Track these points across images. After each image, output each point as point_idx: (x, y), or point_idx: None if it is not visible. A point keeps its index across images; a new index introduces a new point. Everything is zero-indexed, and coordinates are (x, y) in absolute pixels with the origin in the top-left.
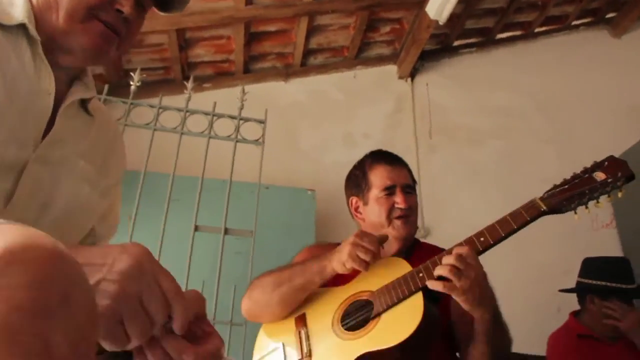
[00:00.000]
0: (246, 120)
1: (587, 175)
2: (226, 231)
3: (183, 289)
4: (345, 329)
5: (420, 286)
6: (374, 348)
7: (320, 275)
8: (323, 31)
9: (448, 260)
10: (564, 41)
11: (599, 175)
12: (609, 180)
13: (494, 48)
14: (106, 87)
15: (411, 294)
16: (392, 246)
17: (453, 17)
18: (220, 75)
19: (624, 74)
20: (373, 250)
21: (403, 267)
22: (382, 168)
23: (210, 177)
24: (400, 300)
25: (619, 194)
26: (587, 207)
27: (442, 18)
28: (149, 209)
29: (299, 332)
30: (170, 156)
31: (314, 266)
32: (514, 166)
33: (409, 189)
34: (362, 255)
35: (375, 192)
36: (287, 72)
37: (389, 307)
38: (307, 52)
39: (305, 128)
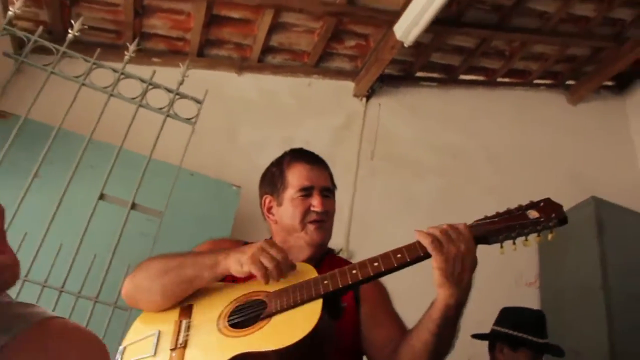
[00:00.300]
0: (183, 96)
1: (520, 212)
2: (133, 206)
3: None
4: (231, 326)
5: (323, 293)
6: (252, 349)
7: (211, 271)
8: (287, 30)
9: (441, 226)
10: (523, 96)
11: (533, 214)
12: (542, 219)
13: (455, 87)
14: (40, 28)
15: (310, 300)
16: (302, 252)
17: (420, 47)
18: (172, 54)
19: (574, 141)
20: (279, 260)
21: (309, 274)
22: (301, 167)
23: (134, 151)
24: (297, 305)
25: (549, 236)
26: (514, 243)
27: (408, 40)
28: (63, 171)
29: (180, 322)
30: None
31: (206, 259)
32: (450, 206)
33: (328, 192)
34: (265, 262)
35: (291, 192)
36: (242, 65)
37: (282, 310)
38: (267, 49)
39: (247, 124)
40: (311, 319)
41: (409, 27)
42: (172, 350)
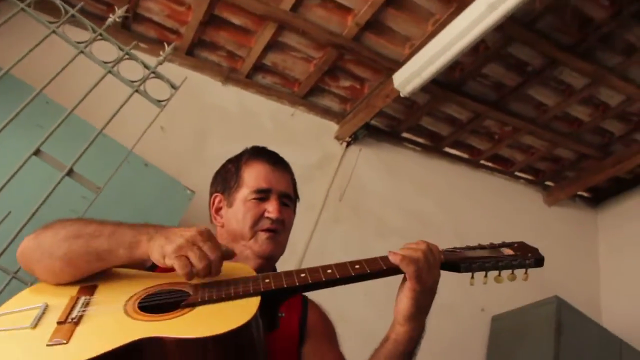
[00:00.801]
0: (158, 76)
1: (494, 248)
2: (70, 172)
3: None
4: (141, 309)
5: (262, 290)
6: (162, 334)
7: (128, 250)
8: (284, 52)
9: (419, 245)
10: (502, 184)
11: (507, 251)
12: (518, 255)
13: (437, 157)
14: None
15: (246, 295)
16: (248, 263)
17: (413, 107)
18: (161, 44)
19: (543, 239)
20: (211, 260)
21: (246, 273)
22: (261, 166)
23: (91, 123)
24: (229, 298)
25: (524, 276)
26: (486, 276)
27: (405, 90)
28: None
29: (77, 298)
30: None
31: (128, 235)
32: None
33: (288, 200)
34: (194, 259)
35: (244, 192)
36: (229, 76)
37: (210, 301)
38: (258, 66)
39: (219, 135)
40: (243, 314)
41: (409, 78)
42: (59, 323)
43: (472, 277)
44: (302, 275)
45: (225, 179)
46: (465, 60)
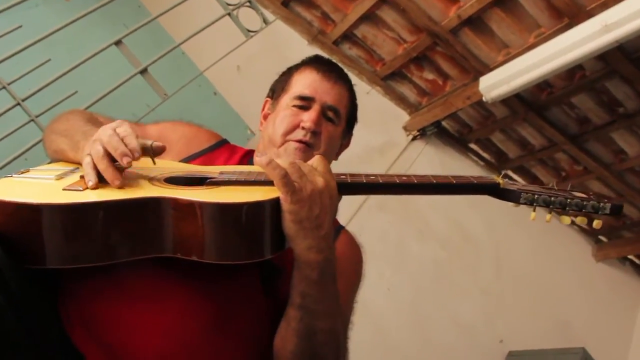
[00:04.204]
0: (254, 7)
1: (563, 189)
2: (144, 71)
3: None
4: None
5: None
6: (183, 196)
7: (74, 153)
8: (377, 27)
9: (284, 162)
10: (554, 224)
11: (579, 194)
12: (591, 198)
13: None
14: None
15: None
16: None
17: (489, 119)
18: None
19: (580, 290)
20: (121, 135)
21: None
22: (310, 73)
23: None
24: (257, 183)
25: (595, 222)
26: (550, 212)
27: (488, 96)
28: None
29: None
30: None
31: (78, 135)
32: (435, 282)
33: (333, 115)
34: (98, 159)
35: (287, 98)
36: (316, 37)
37: (236, 182)
38: (348, 35)
39: None
40: (264, 194)
41: (496, 84)
42: (82, 177)
43: (534, 209)
44: (342, 176)
45: (278, 82)
46: (557, 83)
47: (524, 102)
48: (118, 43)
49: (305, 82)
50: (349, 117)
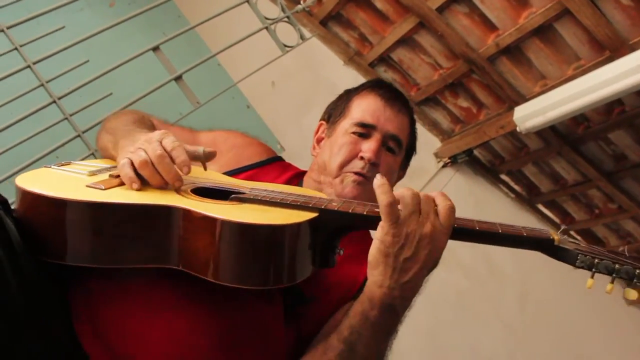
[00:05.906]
0: (292, 23)
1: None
2: (179, 78)
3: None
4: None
5: (323, 207)
6: (196, 208)
7: (113, 150)
8: (413, 51)
9: (408, 191)
10: None
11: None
12: None
13: (528, 210)
14: None
15: (304, 208)
16: None
17: (522, 150)
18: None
19: (606, 331)
20: (167, 149)
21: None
22: (372, 99)
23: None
24: (283, 205)
25: None
26: (612, 282)
27: (523, 126)
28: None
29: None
30: None
31: (119, 133)
32: (456, 310)
33: (394, 145)
34: (137, 158)
35: (346, 123)
36: (352, 58)
37: (261, 202)
38: (384, 58)
39: (322, 109)
40: (286, 219)
41: (531, 114)
42: (111, 176)
43: (592, 277)
44: (377, 209)
45: (335, 105)
46: (595, 118)
47: (559, 135)
48: (155, 49)
49: (367, 108)
50: (409, 148)
